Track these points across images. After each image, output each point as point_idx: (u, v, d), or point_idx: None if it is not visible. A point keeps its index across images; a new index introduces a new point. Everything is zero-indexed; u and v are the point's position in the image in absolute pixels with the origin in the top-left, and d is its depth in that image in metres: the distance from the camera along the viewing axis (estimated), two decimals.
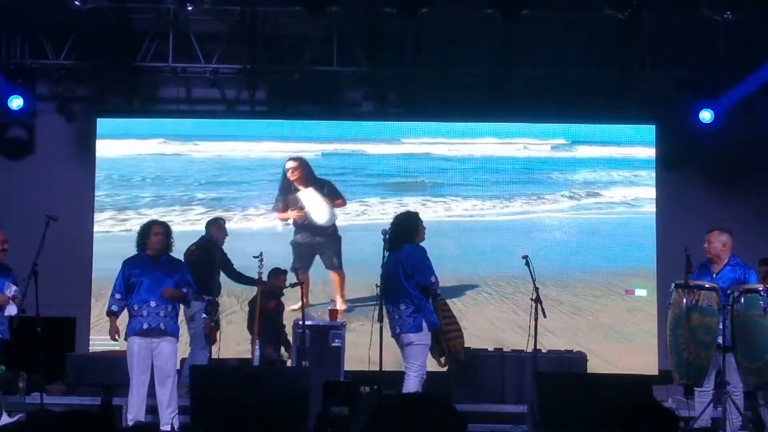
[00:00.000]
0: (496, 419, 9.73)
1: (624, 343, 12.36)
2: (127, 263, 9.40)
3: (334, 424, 8.98)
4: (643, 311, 12.38)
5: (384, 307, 9.25)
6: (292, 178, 12.74)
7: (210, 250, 10.73)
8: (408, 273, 9.16)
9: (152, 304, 9.28)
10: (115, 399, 10.25)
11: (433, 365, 11.22)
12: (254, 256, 10.50)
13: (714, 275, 8.98)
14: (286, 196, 12.72)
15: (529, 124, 13.00)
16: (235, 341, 11.49)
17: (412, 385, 9.11)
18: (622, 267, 12.69)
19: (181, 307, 9.73)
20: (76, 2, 11.45)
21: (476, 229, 12.69)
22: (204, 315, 10.54)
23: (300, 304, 10.68)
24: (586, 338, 12.18)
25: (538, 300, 9.25)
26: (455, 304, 11.97)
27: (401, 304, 9.18)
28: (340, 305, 12.14)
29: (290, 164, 12.76)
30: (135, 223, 12.56)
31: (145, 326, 9.21)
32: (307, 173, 12.75)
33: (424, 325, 9.15)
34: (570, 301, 12.46)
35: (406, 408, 3.92)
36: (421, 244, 9.33)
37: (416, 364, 9.17)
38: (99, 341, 12.28)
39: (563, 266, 12.52)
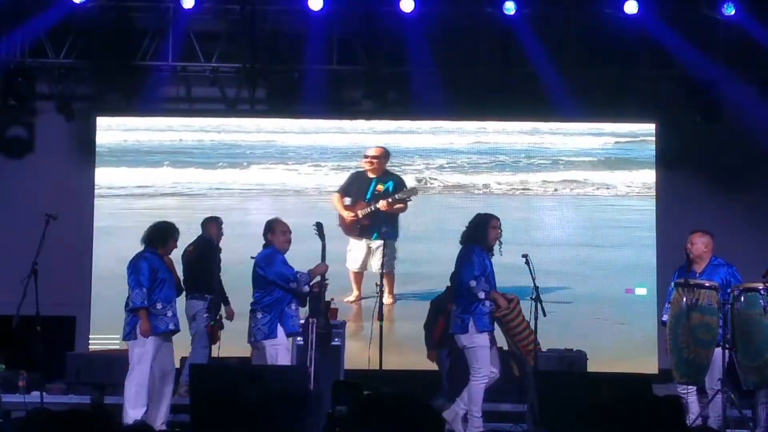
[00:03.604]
0: (496, 418, 9.72)
1: (623, 341, 12.35)
2: (149, 258, 9.25)
3: (343, 423, 8.96)
4: (643, 310, 12.37)
5: None
6: (368, 168, 12.69)
7: (207, 249, 10.72)
8: (456, 273, 9.38)
9: (174, 304, 9.35)
10: (111, 398, 10.28)
11: (433, 365, 11.29)
12: (252, 257, 10.49)
13: (697, 275, 9.07)
14: (358, 187, 12.65)
15: (528, 123, 13.01)
16: (235, 340, 11.47)
17: (472, 391, 9.13)
18: (622, 266, 12.69)
19: (182, 305, 9.77)
20: (76, 1, 11.44)
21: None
22: (206, 314, 10.56)
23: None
24: (585, 336, 12.17)
25: (538, 299, 9.25)
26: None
27: (453, 303, 9.43)
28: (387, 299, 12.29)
29: (373, 152, 12.71)
30: (134, 220, 12.60)
31: (171, 327, 9.23)
32: (383, 167, 12.74)
33: (472, 326, 9.15)
34: (569, 299, 12.45)
35: (384, 406, 3.92)
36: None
37: (475, 368, 9.17)
38: (98, 340, 12.30)
39: (562, 264, 12.52)
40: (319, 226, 9.70)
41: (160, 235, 9.40)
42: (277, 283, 9.31)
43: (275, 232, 9.50)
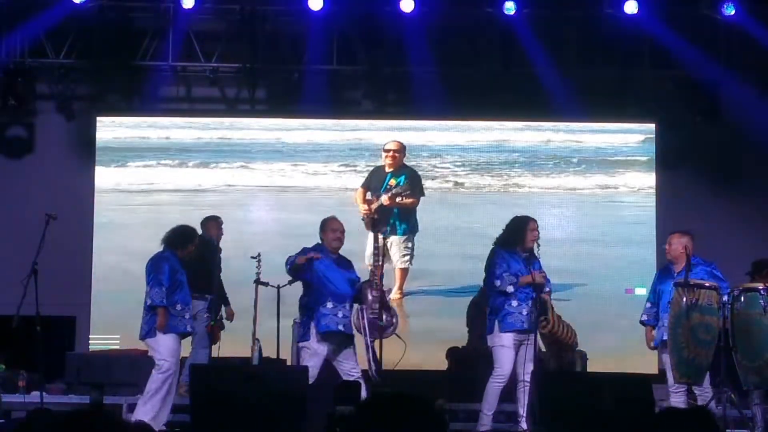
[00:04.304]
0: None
1: (623, 341, 12.33)
2: (170, 259, 9.34)
3: (344, 423, 8.96)
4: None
5: None
6: (388, 162, 12.61)
7: (207, 249, 10.71)
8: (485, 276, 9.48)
9: (191, 307, 9.42)
10: (113, 398, 10.28)
11: (434, 364, 11.29)
12: (252, 257, 10.50)
13: (675, 275, 9.15)
14: (376, 181, 12.55)
15: (528, 123, 13.01)
16: (235, 340, 11.48)
17: (487, 390, 9.24)
18: (622, 265, 12.68)
19: None
20: (76, 1, 11.44)
21: (472, 226, 12.68)
22: (206, 314, 10.56)
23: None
24: (585, 337, 12.14)
25: (538, 299, 9.26)
26: (453, 301, 11.99)
27: (487, 305, 9.51)
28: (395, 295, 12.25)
29: (390, 146, 12.64)
30: (135, 219, 12.61)
31: (188, 328, 9.38)
32: (402, 161, 12.67)
33: (496, 326, 9.25)
34: (569, 299, 12.43)
35: (388, 406, 3.93)
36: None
37: (494, 367, 9.29)
38: (98, 340, 12.30)
39: (562, 263, 12.50)
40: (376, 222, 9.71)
41: (182, 239, 9.48)
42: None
43: (325, 230, 9.59)
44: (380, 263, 9.74)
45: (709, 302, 8.66)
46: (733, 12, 11.70)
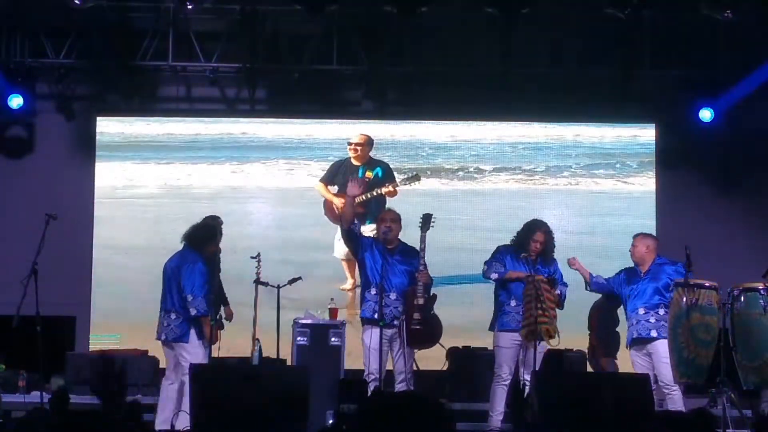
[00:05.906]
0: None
1: (624, 341, 12.33)
2: (201, 261, 9.32)
3: (351, 421, 8.96)
4: None
5: None
6: (352, 155, 12.61)
7: None
8: None
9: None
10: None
11: (431, 363, 11.29)
12: (252, 257, 10.48)
13: (642, 275, 9.31)
14: (345, 175, 12.42)
15: (527, 123, 13.01)
16: (235, 340, 11.48)
17: (491, 391, 9.27)
18: (622, 266, 12.62)
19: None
20: (76, 1, 11.44)
21: (471, 227, 12.68)
22: None
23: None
24: (585, 337, 12.16)
25: (537, 299, 9.26)
26: (451, 300, 11.97)
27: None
28: None
29: (357, 139, 12.63)
30: (134, 219, 12.61)
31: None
32: (368, 154, 12.66)
33: (496, 325, 9.33)
34: (569, 299, 12.41)
35: (394, 406, 3.93)
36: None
37: (495, 368, 9.34)
38: (98, 340, 12.30)
39: (562, 264, 12.48)
40: (426, 219, 9.65)
41: (209, 234, 9.51)
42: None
43: (377, 221, 9.71)
44: (425, 269, 9.53)
45: (709, 302, 8.68)
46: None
